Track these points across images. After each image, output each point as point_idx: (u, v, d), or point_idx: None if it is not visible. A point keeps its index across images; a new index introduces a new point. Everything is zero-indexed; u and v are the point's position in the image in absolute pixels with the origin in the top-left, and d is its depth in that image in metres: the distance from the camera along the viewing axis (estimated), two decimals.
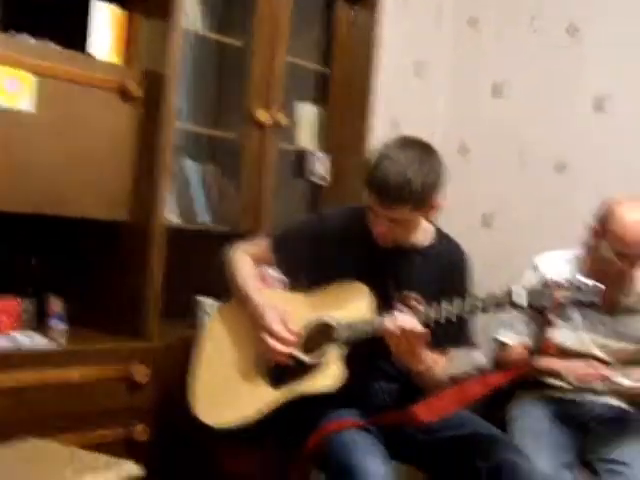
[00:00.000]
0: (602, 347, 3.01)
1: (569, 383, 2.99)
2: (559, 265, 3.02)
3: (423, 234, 2.69)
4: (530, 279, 2.90)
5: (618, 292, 3.01)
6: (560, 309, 2.36)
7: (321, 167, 3.62)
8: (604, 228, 2.93)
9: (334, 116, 3.69)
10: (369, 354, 2.59)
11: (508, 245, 4.26)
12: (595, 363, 2.87)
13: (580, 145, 4.30)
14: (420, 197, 2.48)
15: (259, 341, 2.61)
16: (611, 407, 3.02)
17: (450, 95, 4.60)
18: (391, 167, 2.45)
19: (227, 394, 2.65)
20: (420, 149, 2.52)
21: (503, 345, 3.09)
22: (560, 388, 3.01)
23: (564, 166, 4.34)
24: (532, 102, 4.43)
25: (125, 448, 2.73)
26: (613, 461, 2.80)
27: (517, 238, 4.27)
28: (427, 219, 2.63)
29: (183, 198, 3.18)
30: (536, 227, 4.25)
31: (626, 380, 2.91)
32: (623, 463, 2.77)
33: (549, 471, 2.66)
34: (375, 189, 2.48)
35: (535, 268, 3.05)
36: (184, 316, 3.14)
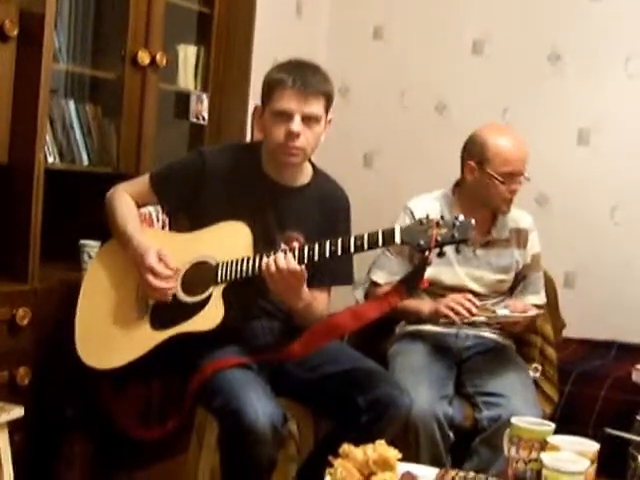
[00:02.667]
0: (477, 280, 3.09)
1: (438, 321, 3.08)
2: (430, 205, 3.07)
3: (303, 172, 2.74)
4: (405, 221, 2.96)
5: (490, 226, 3.12)
6: (436, 246, 2.41)
7: (203, 108, 3.62)
8: (482, 158, 2.99)
9: (216, 56, 3.67)
10: (250, 293, 2.62)
11: (389, 185, 4.35)
12: (468, 296, 2.94)
13: (459, 86, 4.40)
14: (331, 92, 2.65)
15: (140, 281, 2.61)
16: (487, 340, 3.13)
17: (331, 36, 4.62)
18: (301, 64, 2.62)
19: (109, 335, 2.65)
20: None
21: (373, 284, 3.14)
22: (436, 322, 3.10)
23: (444, 106, 4.43)
24: (412, 44, 4.49)
25: (7, 391, 2.71)
26: (490, 393, 2.90)
27: (398, 178, 4.36)
28: (320, 136, 2.66)
29: (63, 140, 3.13)
30: (417, 167, 4.35)
31: (504, 310, 3.00)
32: (500, 395, 2.87)
33: (427, 404, 2.75)
34: (292, 79, 2.56)
35: (407, 210, 3.10)
36: (68, 259, 3.11)
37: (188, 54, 3.64)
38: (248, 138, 3.69)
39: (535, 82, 4.27)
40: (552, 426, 2.29)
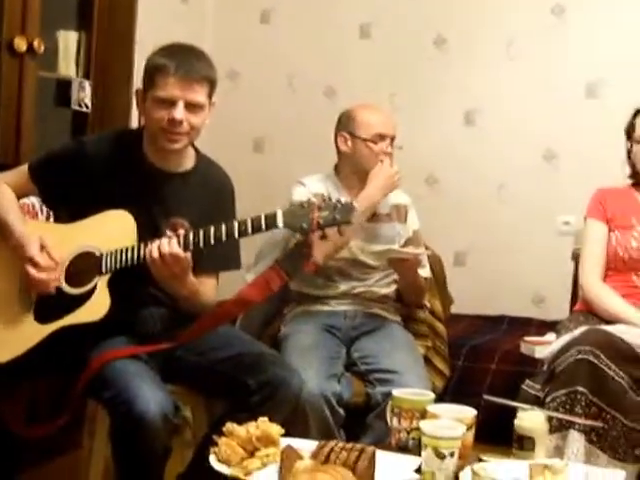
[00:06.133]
0: (366, 252, 3.13)
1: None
2: (316, 185, 3.13)
3: (186, 157, 2.72)
4: (300, 195, 2.99)
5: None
6: (318, 229, 2.43)
7: (85, 95, 3.56)
8: (352, 128, 3.13)
9: (97, 42, 3.61)
10: (136, 281, 2.58)
11: (279, 169, 4.36)
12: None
13: (347, 70, 4.43)
14: (215, 77, 2.63)
15: (23, 273, 2.56)
16: (376, 318, 3.17)
17: (217, 20, 4.60)
18: (184, 49, 2.61)
19: None
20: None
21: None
22: (326, 301, 3.15)
23: (333, 91, 4.46)
24: (300, 28, 4.51)
25: None
26: (382, 370, 2.94)
27: (288, 162, 4.37)
28: (204, 121, 2.65)
29: None
30: (307, 151, 4.37)
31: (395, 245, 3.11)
32: (392, 371, 2.91)
33: (316, 384, 2.77)
34: (175, 65, 2.52)
35: (301, 185, 3.15)
36: None
37: (69, 40, 3.56)
38: (136, 124, 3.64)
39: (422, 65, 4.35)
40: (432, 395, 2.35)
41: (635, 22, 4.04)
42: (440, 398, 2.81)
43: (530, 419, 2.26)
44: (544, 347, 3.13)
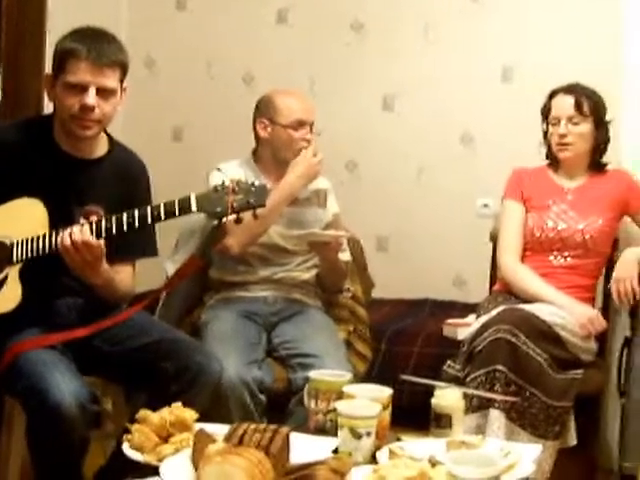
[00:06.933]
0: (286, 237, 3.13)
1: None
2: (234, 170, 3.11)
3: (99, 144, 2.68)
4: (217, 180, 2.97)
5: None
6: (233, 213, 2.41)
7: None
8: (272, 114, 3.13)
9: (7, 29, 3.55)
10: (50, 271, 2.54)
11: (199, 158, 4.30)
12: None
13: (266, 56, 4.41)
14: (126, 62, 2.59)
15: None
16: (296, 303, 3.17)
17: (132, 7, 4.54)
18: (96, 33, 2.56)
19: None
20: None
21: None
22: (246, 287, 3.14)
23: (252, 78, 4.44)
24: (216, 14, 4.47)
25: None
26: (303, 355, 2.94)
27: (207, 150, 4.32)
28: (117, 106, 2.61)
29: None
30: (226, 139, 4.33)
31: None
32: (313, 355, 2.91)
33: (236, 370, 2.76)
34: (87, 50, 2.48)
35: (218, 171, 3.13)
36: None
37: None
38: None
39: (340, 50, 4.34)
40: (348, 376, 2.36)
41: (550, 7, 4.09)
42: (364, 382, 2.83)
43: (446, 397, 2.28)
44: (466, 329, 3.16)
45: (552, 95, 3.28)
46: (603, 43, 3.82)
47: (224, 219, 2.45)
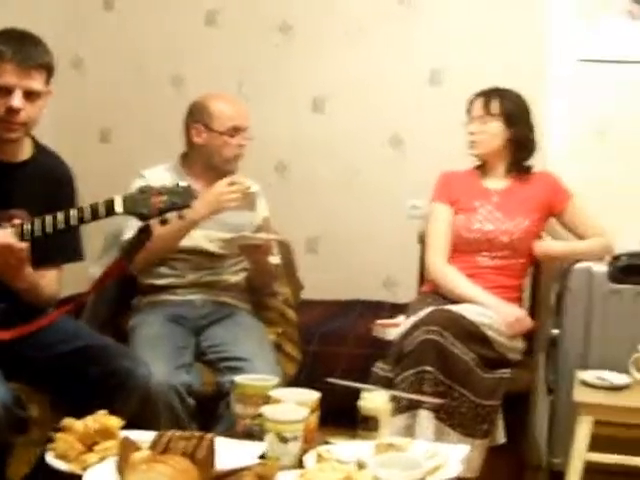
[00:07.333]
0: (214, 241, 3.11)
1: None
2: (161, 175, 3.09)
3: (24, 147, 2.64)
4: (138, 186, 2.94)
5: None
6: (159, 214, 2.40)
7: None
8: (207, 120, 3.10)
9: None
10: None
11: (126, 160, 4.25)
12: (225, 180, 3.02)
13: (195, 58, 4.41)
14: (52, 64, 2.55)
15: None
16: (225, 306, 3.15)
17: (59, 8, 4.47)
18: (21, 35, 2.52)
19: None
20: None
21: None
22: (174, 291, 3.12)
23: (181, 80, 4.42)
24: (145, 15, 4.44)
25: None
26: (232, 358, 2.92)
27: (135, 153, 4.28)
28: (42, 109, 2.57)
29: None
30: (154, 141, 4.30)
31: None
32: (242, 359, 2.90)
33: (164, 375, 2.73)
34: (12, 52, 2.45)
35: (141, 177, 3.09)
36: None
37: None
38: None
39: (268, 52, 4.34)
40: (275, 380, 2.36)
41: (477, 11, 4.14)
42: (294, 384, 2.83)
43: (373, 399, 2.29)
44: (395, 329, 3.18)
45: (477, 96, 3.36)
46: (528, 47, 3.86)
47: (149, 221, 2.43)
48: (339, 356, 3.61)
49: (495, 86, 3.36)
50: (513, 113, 3.31)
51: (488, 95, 3.33)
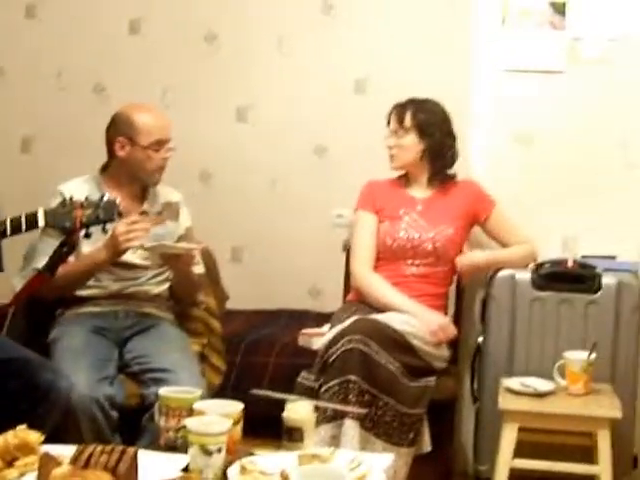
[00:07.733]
0: (135, 251, 3.05)
1: None
2: (80, 187, 3.03)
3: None
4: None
5: (142, 199, 3.16)
6: (81, 228, 2.38)
7: None
8: (132, 133, 3.05)
9: None
10: None
11: (47, 170, 4.18)
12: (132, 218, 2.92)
13: (117, 67, 4.34)
14: None
15: None
16: (148, 317, 3.12)
17: None
18: None
19: None
20: None
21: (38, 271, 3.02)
22: (96, 302, 3.08)
23: (102, 88, 4.36)
24: (67, 23, 4.38)
25: None
26: (156, 369, 2.89)
27: (56, 163, 4.21)
28: None
29: None
30: (75, 151, 4.23)
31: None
32: (166, 370, 2.87)
33: (87, 387, 2.70)
34: None
35: (57, 193, 3.01)
36: None
37: None
38: None
39: (193, 62, 4.30)
40: (198, 393, 2.34)
41: (402, 20, 4.16)
42: (220, 395, 2.81)
43: (297, 410, 2.28)
44: (320, 338, 3.18)
45: (393, 108, 3.39)
46: (453, 57, 3.90)
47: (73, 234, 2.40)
48: (265, 366, 3.59)
49: (412, 97, 3.39)
50: (427, 123, 3.33)
51: (403, 107, 3.37)
